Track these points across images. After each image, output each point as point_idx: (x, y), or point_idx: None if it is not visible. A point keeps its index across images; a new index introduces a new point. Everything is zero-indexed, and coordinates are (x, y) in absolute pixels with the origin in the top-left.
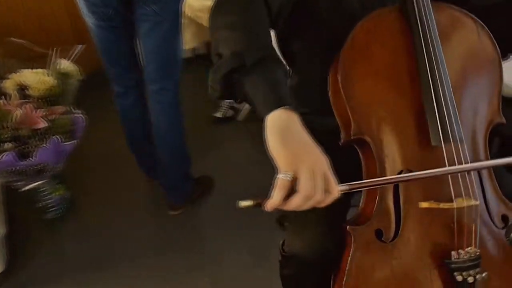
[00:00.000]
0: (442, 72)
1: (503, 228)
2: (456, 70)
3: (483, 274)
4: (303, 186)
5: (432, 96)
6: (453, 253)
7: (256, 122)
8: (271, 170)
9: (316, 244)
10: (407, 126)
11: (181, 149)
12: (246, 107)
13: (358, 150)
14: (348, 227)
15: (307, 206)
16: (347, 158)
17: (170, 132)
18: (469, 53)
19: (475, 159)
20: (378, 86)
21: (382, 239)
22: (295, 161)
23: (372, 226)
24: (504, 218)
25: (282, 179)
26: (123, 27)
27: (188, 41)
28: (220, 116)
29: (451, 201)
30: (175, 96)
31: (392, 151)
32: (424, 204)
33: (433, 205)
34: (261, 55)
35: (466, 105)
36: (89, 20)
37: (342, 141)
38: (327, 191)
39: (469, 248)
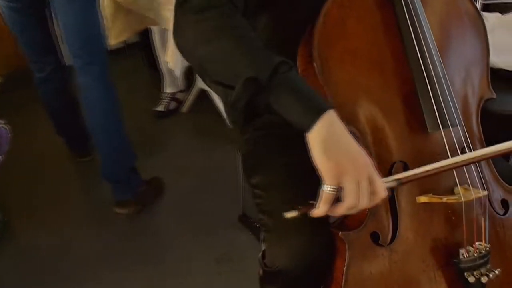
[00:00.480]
0: (431, 48)
1: (504, 214)
2: (443, 42)
3: (496, 271)
4: (348, 197)
5: (424, 76)
6: (461, 251)
7: (203, 112)
8: (220, 161)
9: (303, 254)
10: (396, 111)
11: (119, 135)
12: (190, 98)
13: None
14: (340, 233)
15: (354, 212)
16: None
17: (103, 112)
18: (455, 22)
19: (472, 142)
20: (359, 68)
21: (379, 242)
22: (340, 173)
23: (367, 229)
24: (504, 203)
25: (327, 192)
26: (33, 7)
27: (119, 34)
28: (163, 110)
29: (453, 193)
30: (103, 71)
31: (382, 141)
32: (422, 199)
33: (434, 199)
34: (270, 69)
35: (459, 83)
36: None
37: None
38: (373, 193)
39: (478, 243)
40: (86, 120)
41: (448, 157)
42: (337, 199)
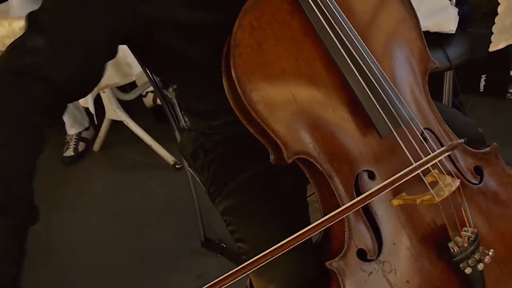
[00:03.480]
0: (358, 46)
1: (480, 182)
2: (367, 32)
3: (490, 253)
4: None
5: (360, 81)
6: (450, 245)
7: (118, 145)
8: (157, 192)
9: (297, 279)
10: (345, 122)
11: None
12: (102, 132)
13: (299, 164)
14: (327, 264)
15: None
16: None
17: None
18: (373, 3)
19: (427, 125)
20: (294, 89)
21: (368, 258)
22: None
23: (351, 249)
24: (477, 170)
25: None
26: None
27: None
28: (73, 154)
29: (426, 189)
30: None
31: (339, 158)
32: (396, 202)
33: (408, 201)
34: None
35: (399, 71)
36: None
37: (274, 161)
38: None
39: (463, 231)
40: None
41: (407, 155)
42: None
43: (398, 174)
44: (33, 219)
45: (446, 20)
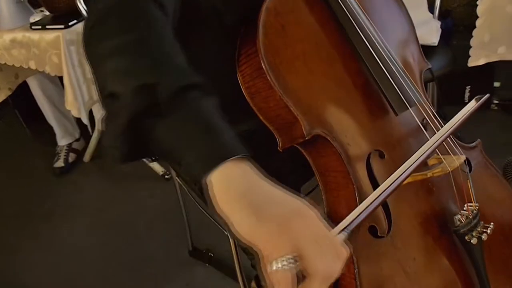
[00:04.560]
0: (375, 33)
1: (470, 172)
2: (380, 26)
3: (491, 225)
4: (318, 266)
5: (378, 63)
6: (456, 217)
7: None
8: (148, 202)
9: None
10: (358, 104)
11: None
12: (92, 143)
13: (303, 150)
14: None
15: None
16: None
17: None
18: (382, 3)
19: (427, 113)
20: (312, 71)
21: (379, 234)
22: (287, 236)
23: (364, 225)
24: (466, 161)
25: (282, 271)
26: None
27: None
28: (63, 165)
29: (428, 166)
30: None
31: (353, 136)
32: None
33: (419, 176)
34: (178, 84)
35: (405, 62)
36: None
37: (283, 145)
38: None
39: (468, 205)
40: None
41: (424, 133)
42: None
43: (428, 149)
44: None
45: (429, 33)
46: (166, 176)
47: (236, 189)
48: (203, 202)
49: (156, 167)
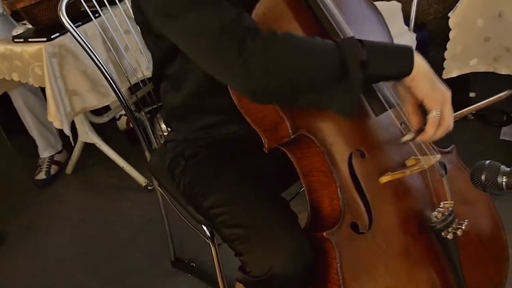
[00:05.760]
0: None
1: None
2: (364, 32)
3: (465, 221)
4: (448, 120)
5: None
6: (434, 214)
7: (91, 168)
8: (131, 213)
9: (297, 255)
10: None
11: None
12: (75, 155)
13: (288, 152)
14: (324, 233)
15: (444, 134)
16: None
17: None
18: (366, 16)
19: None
20: None
21: (360, 230)
22: (441, 100)
23: (346, 222)
24: (442, 164)
25: (435, 117)
26: None
27: None
28: (45, 177)
29: (405, 166)
30: None
31: (336, 136)
32: (385, 179)
33: (397, 175)
34: (352, 40)
35: None
36: None
37: (269, 146)
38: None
39: (444, 203)
40: None
41: (402, 133)
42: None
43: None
44: None
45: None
46: (149, 188)
47: (422, 71)
48: (186, 212)
49: (139, 178)
